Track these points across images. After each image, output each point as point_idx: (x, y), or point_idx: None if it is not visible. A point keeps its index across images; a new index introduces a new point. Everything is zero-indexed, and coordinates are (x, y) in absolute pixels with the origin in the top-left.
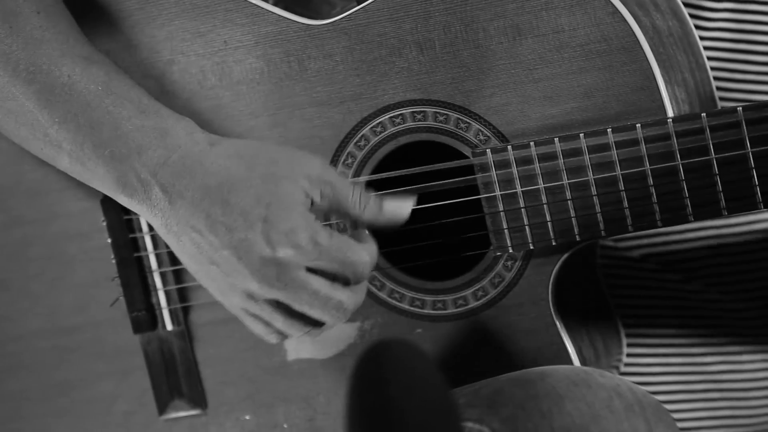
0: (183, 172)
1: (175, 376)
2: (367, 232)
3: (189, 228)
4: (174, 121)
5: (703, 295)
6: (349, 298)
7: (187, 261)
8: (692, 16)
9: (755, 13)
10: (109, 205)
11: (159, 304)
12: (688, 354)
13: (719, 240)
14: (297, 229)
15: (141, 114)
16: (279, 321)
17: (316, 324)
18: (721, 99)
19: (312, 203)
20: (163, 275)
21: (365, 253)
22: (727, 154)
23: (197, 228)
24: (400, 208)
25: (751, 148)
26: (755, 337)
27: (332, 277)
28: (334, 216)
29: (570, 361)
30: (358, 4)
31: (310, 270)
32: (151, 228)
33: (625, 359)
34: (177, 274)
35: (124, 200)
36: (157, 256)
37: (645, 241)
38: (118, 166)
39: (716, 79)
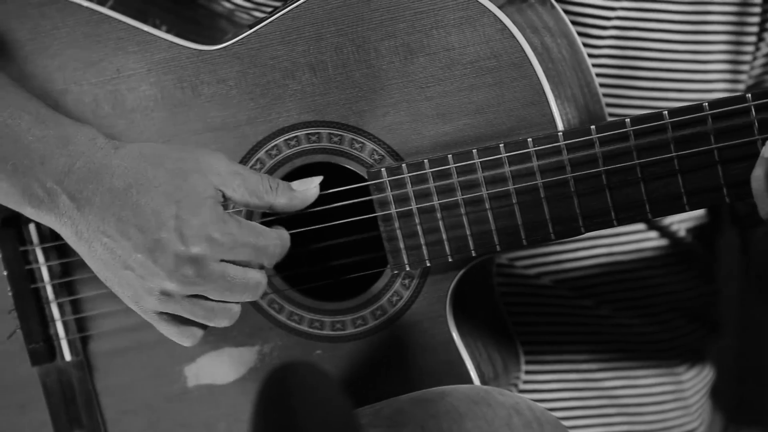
0: (89, 178)
1: (75, 407)
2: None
3: (100, 233)
4: (75, 128)
5: (596, 312)
6: (263, 277)
7: (99, 268)
8: (581, 34)
9: (637, 39)
10: (4, 236)
11: (57, 335)
12: (585, 371)
13: (610, 258)
14: (208, 223)
15: (40, 124)
16: (200, 314)
17: (237, 304)
18: (611, 116)
19: (225, 198)
20: (60, 306)
21: (275, 235)
22: (616, 166)
23: (109, 233)
24: (309, 184)
25: (638, 158)
26: (649, 353)
27: (246, 264)
28: (250, 208)
29: (469, 377)
30: (250, 29)
31: (225, 260)
32: (47, 258)
33: (524, 376)
34: (75, 304)
35: (30, 212)
36: (54, 286)
37: (539, 260)
38: (22, 179)
39: (607, 105)
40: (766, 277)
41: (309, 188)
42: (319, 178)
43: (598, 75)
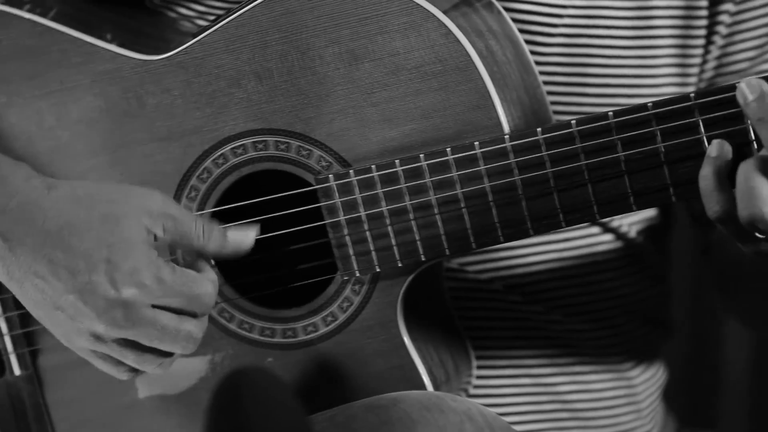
0: (22, 219)
1: (25, 422)
2: (210, 262)
3: (32, 274)
4: (10, 168)
5: (548, 317)
6: (197, 326)
7: (31, 307)
8: (529, 41)
9: (584, 46)
10: None
11: (5, 349)
12: (537, 375)
13: (561, 263)
14: (140, 269)
15: None
16: (130, 358)
17: (168, 355)
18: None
19: (155, 238)
20: (8, 320)
21: (209, 284)
22: (563, 167)
23: (40, 274)
24: (243, 236)
25: (585, 160)
26: (601, 357)
27: (179, 311)
28: (179, 249)
29: (421, 381)
30: (194, 38)
31: (157, 306)
32: None
33: (475, 381)
34: (23, 318)
35: None
36: (2, 300)
37: (491, 264)
38: None
39: (555, 112)
40: (725, 276)
41: (245, 239)
42: (254, 231)
43: (547, 82)
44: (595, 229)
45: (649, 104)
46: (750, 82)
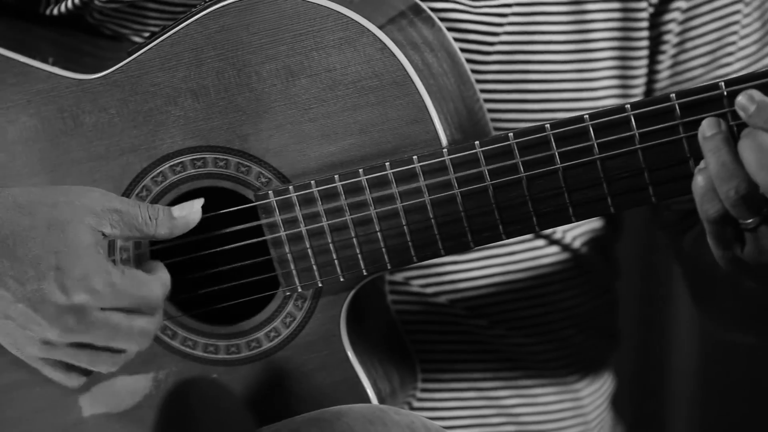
0: None
1: None
2: (159, 261)
3: None
4: None
5: (493, 331)
6: (149, 322)
7: None
8: (468, 60)
9: (522, 63)
10: None
11: None
12: (483, 389)
13: (505, 276)
14: (90, 274)
15: None
16: (84, 360)
17: (122, 351)
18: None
19: (104, 235)
20: None
21: (158, 285)
22: (502, 180)
23: None
24: (189, 210)
25: (524, 172)
26: (546, 370)
27: (131, 310)
28: (132, 241)
29: (366, 395)
30: (129, 56)
31: (107, 308)
32: None
33: (420, 394)
34: None
35: None
36: None
37: (436, 279)
38: None
39: (496, 129)
40: (697, 283)
41: (190, 213)
42: (200, 201)
43: (487, 99)
44: (540, 242)
45: (585, 116)
46: (747, 94)
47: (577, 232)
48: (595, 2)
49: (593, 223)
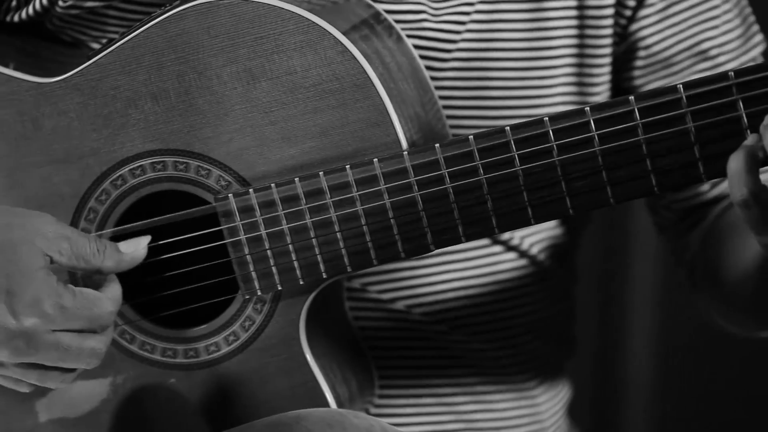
0: None
1: None
2: (112, 274)
3: None
4: None
5: (450, 336)
6: (100, 341)
7: None
8: (428, 66)
9: (479, 70)
10: None
11: None
12: (440, 395)
13: (463, 282)
14: (41, 298)
15: None
16: (33, 378)
17: (72, 371)
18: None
19: (52, 261)
20: None
21: (109, 303)
22: (462, 182)
23: None
24: (136, 246)
25: (484, 174)
26: (504, 377)
27: (82, 329)
28: (78, 271)
29: (324, 399)
30: (89, 59)
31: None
32: None
33: (377, 400)
34: None
35: None
36: None
37: (393, 284)
38: None
39: (455, 135)
40: (733, 286)
41: (137, 249)
42: (146, 238)
43: (445, 106)
44: (498, 248)
45: (545, 118)
46: None
47: (534, 239)
48: (554, 9)
49: (551, 230)
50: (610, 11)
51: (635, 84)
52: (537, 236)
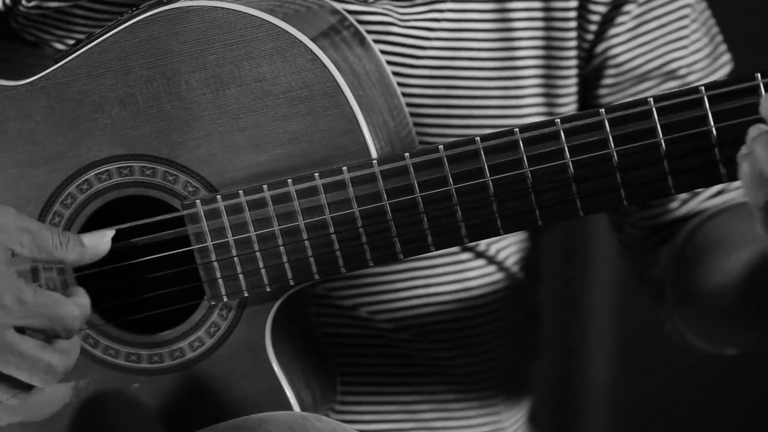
0: None
1: None
2: (77, 285)
3: None
4: None
5: (413, 344)
6: (60, 360)
7: None
8: (395, 73)
9: (449, 78)
10: None
11: None
12: (402, 402)
13: (428, 289)
14: (0, 290)
15: None
16: None
17: (25, 387)
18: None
19: (13, 255)
20: None
21: (74, 306)
22: (432, 192)
23: None
24: (100, 239)
25: (453, 184)
26: (466, 386)
27: (43, 336)
28: (40, 264)
29: (289, 406)
30: (56, 63)
31: (19, 330)
32: None
33: (338, 407)
34: None
35: None
36: None
37: (356, 290)
38: None
39: (421, 142)
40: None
41: (101, 243)
42: (111, 231)
43: (413, 114)
44: (464, 256)
45: (515, 129)
46: None
47: (501, 245)
48: (521, 21)
49: (518, 239)
50: (574, 24)
51: (604, 102)
52: (503, 242)
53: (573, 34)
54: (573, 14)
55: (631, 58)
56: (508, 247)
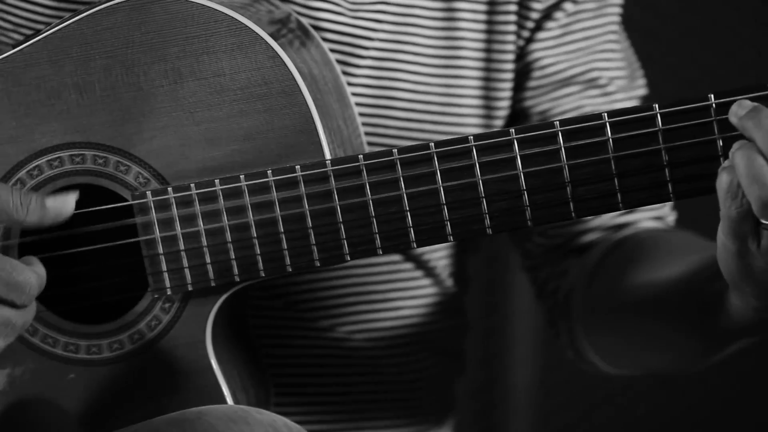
0: None
1: None
2: (33, 257)
3: None
4: None
5: (348, 344)
6: (17, 315)
7: None
8: (340, 61)
9: (392, 71)
10: None
11: None
12: (334, 402)
13: (362, 288)
14: None
15: None
16: None
17: None
18: (370, 146)
19: None
20: None
21: (31, 274)
22: (383, 195)
23: None
24: (63, 202)
25: (405, 188)
26: (393, 385)
27: None
28: None
29: (225, 402)
30: (15, 48)
31: None
32: None
33: (273, 408)
34: None
35: None
36: None
37: (290, 288)
38: None
39: (365, 134)
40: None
41: (64, 205)
42: (74, 194)
43: (358, 104)
44: (397, 257)
45: (470, 137)
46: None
47: (434, 248)
48: (466, 21)
49: (449, 243)
50: (514, 27)
51: (526, 105)
52: (435, 247)
53: (512, 37)
54: (513, 18)
55: (555, 62)
56: (438, 251)
